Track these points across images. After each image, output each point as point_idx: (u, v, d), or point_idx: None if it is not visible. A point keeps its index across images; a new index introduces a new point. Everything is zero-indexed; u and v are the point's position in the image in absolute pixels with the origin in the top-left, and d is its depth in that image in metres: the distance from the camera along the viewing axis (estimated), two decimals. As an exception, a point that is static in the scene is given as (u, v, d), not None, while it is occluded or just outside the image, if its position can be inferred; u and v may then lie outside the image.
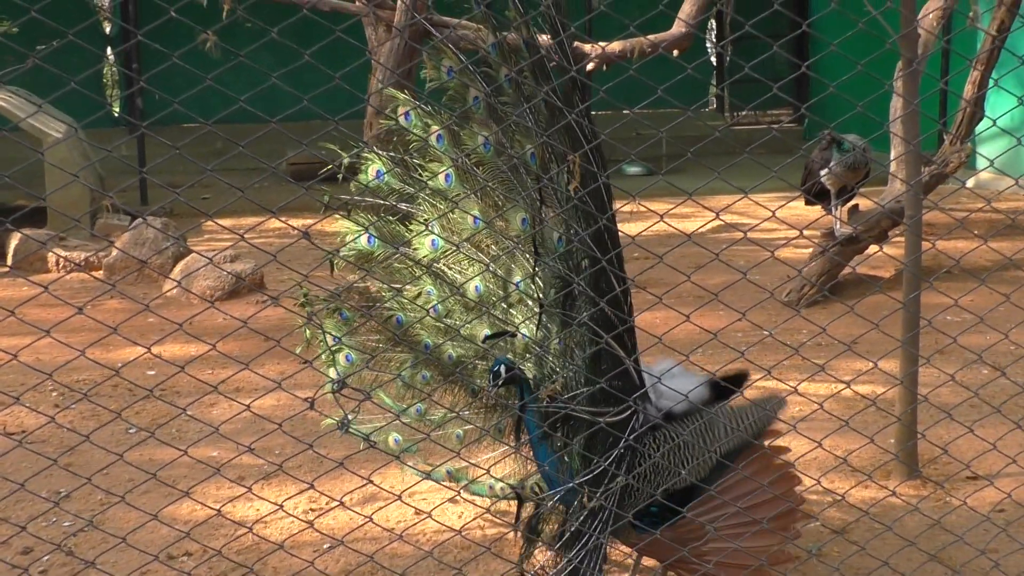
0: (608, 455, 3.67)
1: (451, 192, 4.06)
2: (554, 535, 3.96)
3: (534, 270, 3.86)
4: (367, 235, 4.24)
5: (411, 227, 4.23)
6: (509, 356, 3.95)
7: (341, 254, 4.25)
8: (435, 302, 4.16)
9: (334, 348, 4.16)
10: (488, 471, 4.04)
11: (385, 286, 4.23)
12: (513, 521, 4.17)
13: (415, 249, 4.19)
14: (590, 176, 3.51)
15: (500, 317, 4.08)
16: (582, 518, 3.72)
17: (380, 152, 4.21)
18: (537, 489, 4.10)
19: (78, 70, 2.90)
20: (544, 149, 3.72)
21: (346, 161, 4.22)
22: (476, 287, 4.10)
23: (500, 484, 4.26)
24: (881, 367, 4.71)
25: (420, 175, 4.16)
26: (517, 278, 4.02)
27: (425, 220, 4.13)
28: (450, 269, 4.16)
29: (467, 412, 4.28)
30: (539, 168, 3.76)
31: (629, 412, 3.69)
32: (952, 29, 12.31)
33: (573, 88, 3.57)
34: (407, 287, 4.20)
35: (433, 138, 4.05)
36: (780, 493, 3.84)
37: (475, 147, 3.97)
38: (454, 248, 4.03)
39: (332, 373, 4.16)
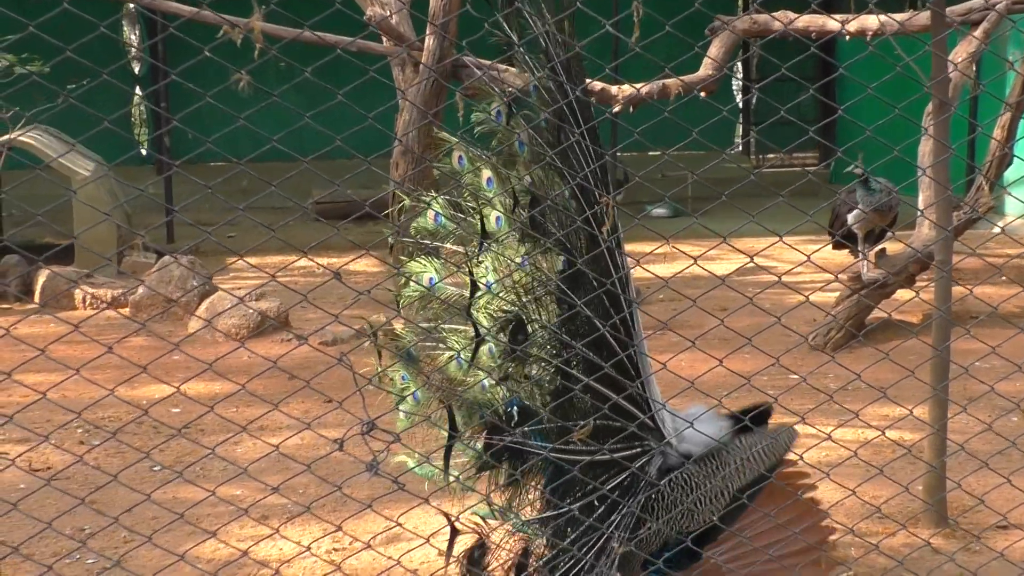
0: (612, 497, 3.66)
1: (501, 234, 4.05)
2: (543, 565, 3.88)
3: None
4: (428, 277, 4.23)
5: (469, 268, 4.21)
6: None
7: (405, 294, 4.24)
8: (491, 342, 4.13)
9: (402, 387, 4.15)
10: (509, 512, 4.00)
11: (452, 327, 4.20)
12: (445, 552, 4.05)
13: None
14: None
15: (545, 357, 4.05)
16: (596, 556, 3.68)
17: (438, 196, 4.21)
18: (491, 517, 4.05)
19: (106, 109, 2.91)
20: (576, 191, 3.72)
21: (407, 203, 4.23)
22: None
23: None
24: (911, 414, 4.66)
25: (473, 218, 4.15)
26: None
27: (479, 263, 4.10)
28: (505, 313, 4.12)
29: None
30: (576, 210, 3.76)
31: (632, 452, 3.68)
32: (982, 74, 12.29)
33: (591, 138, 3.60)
34: (464, 328, 4.16)
35: (484, 181, 4.05)
36: (804, 527, 3.81)
37: (521, 189, 3.96)
38: (496, 293, 4.00)
39: (401, 414, 4.14)
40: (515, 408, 3.69)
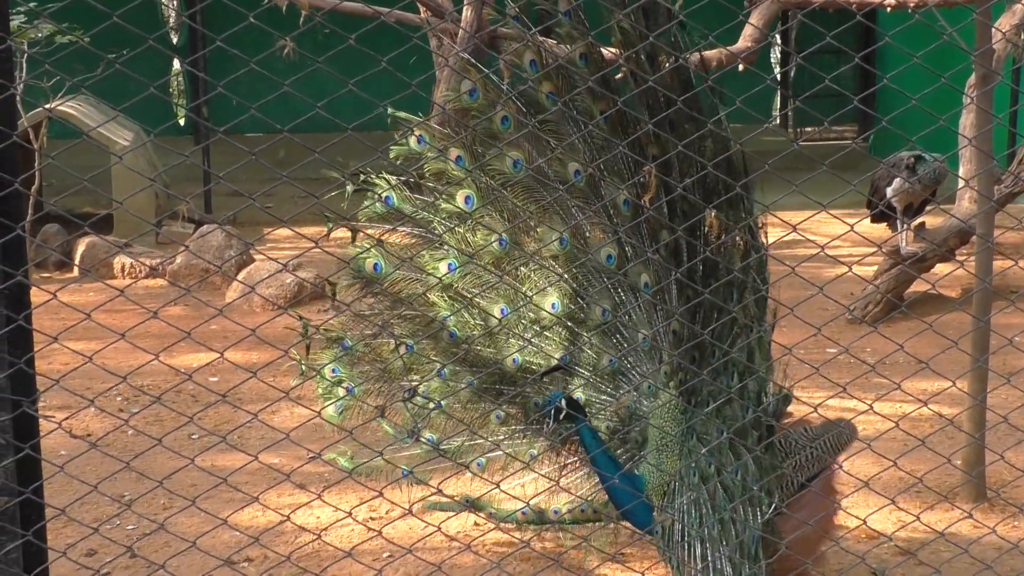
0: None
1: (472, 214, 4.01)
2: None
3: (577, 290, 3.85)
4: (373, 262, 4.20)
5: (428, 252, 4.16)
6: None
7: (344, 280, 4.24)
8: (452, 327, 4.10)
9: (333, 380, 4.15)
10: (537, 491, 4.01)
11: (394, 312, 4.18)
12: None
13: (428, 274, 4.13)
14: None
15: (531, 342, 4.03)
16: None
17: (389, 177, 4.17)
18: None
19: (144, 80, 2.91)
20: (597, 170, 3.70)
21: (350, 190, 4.20)
22: (502, 310, 4.04)
23: (528, 509, 4.22)
24: (948, 388, 4.63)
25: (437, 199, 4.10)
26: (553, 300, 3.97)
27: (440, 244, 4.07)
28: (470, 293, 4.07)
29: (501, 439, 4.25)
30: (589, 189, 3.74)
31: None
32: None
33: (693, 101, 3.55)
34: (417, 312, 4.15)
35: (452, 160, 4.01)
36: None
37: (504, 168, 3.93)
38: (469, 272, 3.98)
39: (331, 407, 4.15)
40: (561, 401, 3.67)
